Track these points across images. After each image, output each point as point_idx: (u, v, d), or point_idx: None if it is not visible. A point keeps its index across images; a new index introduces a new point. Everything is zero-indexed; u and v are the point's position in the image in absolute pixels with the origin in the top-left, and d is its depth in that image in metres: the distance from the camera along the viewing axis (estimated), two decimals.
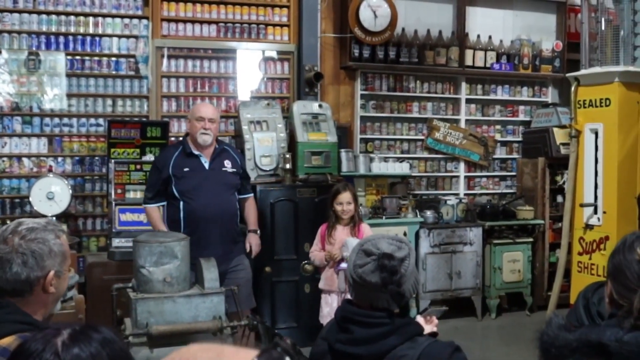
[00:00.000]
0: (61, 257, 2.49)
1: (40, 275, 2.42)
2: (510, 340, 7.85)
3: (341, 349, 2.52)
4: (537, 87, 9.83)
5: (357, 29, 8.26)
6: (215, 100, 8.29)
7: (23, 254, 2.40)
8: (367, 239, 2.61)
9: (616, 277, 2.23)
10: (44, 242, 2.44)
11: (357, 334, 2.49)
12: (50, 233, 2.48)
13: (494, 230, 8.71)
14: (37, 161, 7.67)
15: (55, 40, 7.71)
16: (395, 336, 2.45)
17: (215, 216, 5.58)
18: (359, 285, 2.54)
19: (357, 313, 2.53)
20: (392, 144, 9.07)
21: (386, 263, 2.48)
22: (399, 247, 2.54)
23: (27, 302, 2.42)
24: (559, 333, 2.00)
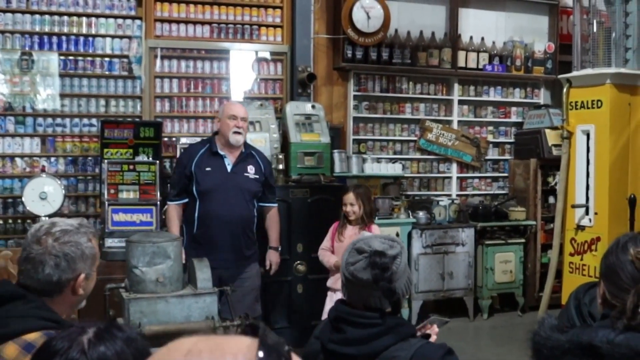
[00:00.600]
0: (92, 259, 2.54)
1: (71, 278, 2.47)
2: (502, 340, 7.88)
3: (334, 349, 2.54)
4: (529, 89, 9.87)
5: (350, 30, 8.29)
6: (208, 100, 8.30)
7: (56, 256, 2.43)
8: (360, 238, 2.64)
9: (609, 277, 2.24)
10: (77, 245, 2.48)
11: (349, 334, 2.50)
12: (83, 236, 2.52)
13: (486, 231, 8.75)
14: (30, 161, 7.66)
15: (48, 41, 7.70)
16: (388, 337, 2.46)
17: (229, 220, 5.48)
18: (351, 283, 2.55)
19: (350, 313, 2.54)
20: (385, 145, 9.10)
21: (377, 260, 2.49)
22: (390, 245, 2.56)
23: (55, 301, 2.46)
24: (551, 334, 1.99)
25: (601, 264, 2.35)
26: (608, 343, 1.91)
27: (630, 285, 2.15)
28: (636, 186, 6.02)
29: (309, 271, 7.15)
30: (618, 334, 1.98)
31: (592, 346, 1.90)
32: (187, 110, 8.23)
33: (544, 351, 1.97)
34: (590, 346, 1.90)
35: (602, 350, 1.89)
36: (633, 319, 2.04)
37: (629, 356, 1.87)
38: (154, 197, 7.05)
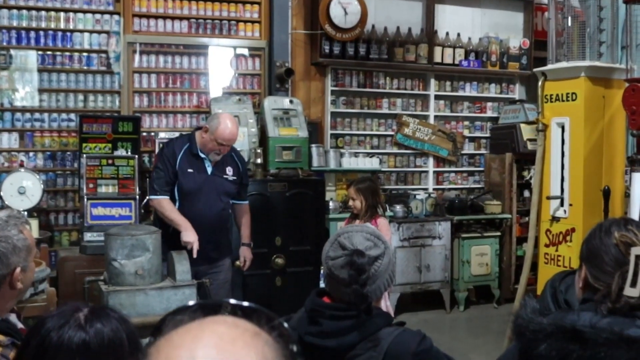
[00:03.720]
0: (26, 251, 2.45)
1: (6, 273, 2.38)
2: (478, 332, 7.99)
3: (310, 341, 2.50)
4: (504, 84, 9.97)
5: (328, 25, 8.35)
6: (187, 95, 8.34)
7: None
8: (345, 230, 2.58)
9: (592, 261, 2.23)
10: (7, 240, 2.39)
11: (325, 326, 2.48)
12: (13, 228, 2.43)
13: (463, 224, 8.85)
14: (9, 156, 7.66)
15: (26, 36, 7.70)
16: (364, 328, 2.43)
17: (207, 222, 5.41)
18: (328, 277, 2.54)
19: (326, 306, 2.52)
20: (362, 140, 9.17)
21: (355, 260, 2.44)
22: (374, 244, 2.51)
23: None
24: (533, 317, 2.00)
25: (582, 248, 2.32)
26: (592, 327, 1.93)
27: (614, 268, 2.14)
28: (610, 178, 6.09)
29: (287, 264, 7.21)
30: (601, 318, 2.01)
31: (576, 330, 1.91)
32: (166, 105, 8.26)
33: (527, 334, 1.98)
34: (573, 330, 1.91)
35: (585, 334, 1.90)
36: (617, 302, 2.06)
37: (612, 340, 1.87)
38: (132, 191, 7.09)
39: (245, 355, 0.91)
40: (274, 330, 0.99)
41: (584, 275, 2.27)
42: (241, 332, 0.95)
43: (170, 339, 0.94)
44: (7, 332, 2.27)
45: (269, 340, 0.96)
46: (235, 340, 0.93)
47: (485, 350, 7.04)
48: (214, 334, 0.93)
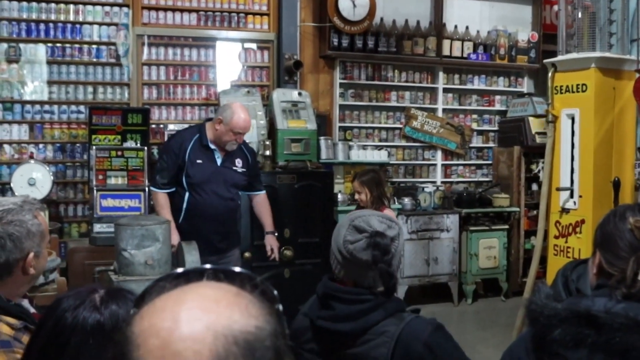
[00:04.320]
0: (39, 236, 2.43)
1: (20, 258, 2.36)
2: (486, 325, 8.00)
3: (323, 325, 2.50)
4: (513, 77, 9.96)
5: (336, 18, 8.35)
6: (195, 87, 8.36)
7: (0, 237, 2.33)
8: (357, 215, 2.56)
9: (606, 246, 2.21)
10: (21, 224, 2.37)
11: (338, 310, 2.46)
12: (28, 213, 2.41)
13: (471, 217, 8.86)
14: (19, 148, 7.70)
15: (35, 28, 7.73)
16: (377, 312, 2.42)
17: (215, 213, 5.44)
18: (347, 262, 2.49)
19: (339, 290, 2.50)
20: (371, 132, 9.18)
21: (379, 241, 2.43)
22: (389, 225, 2.50)
23: (6, 283, 2.37)
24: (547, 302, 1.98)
25: (596, 233, 2.30)
26: (606, 312, 1.91)
27: (629, 253, 2.12)
28: (620, 169, 6.07)
29: (296, 256, 7.22)
30: (616, 303, 2.00)
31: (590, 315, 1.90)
32: (175, 98, 8.28)
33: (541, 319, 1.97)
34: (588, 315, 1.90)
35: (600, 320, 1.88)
36: (633, 287, 2.04)
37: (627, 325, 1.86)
38: (142, 182, 7.12)
39: (230, 313, 0.92)
40: (256, 289, 0.99)
41: (598, 261, 2.25)
42: (224, 292, 0.96)
43: (153, 305, 0.95)
44: (20, 315, 2.27)
45: (252, 299, 0.97)
46: (219, 300, 0.94)
47: (493, 343, 7.04)
48: (197, 295, 0.95)
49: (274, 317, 0.97)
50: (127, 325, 0.94)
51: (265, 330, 0.93)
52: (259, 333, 0.92)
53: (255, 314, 0.94)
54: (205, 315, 0.90)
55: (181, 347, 0.87)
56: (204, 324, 0.89)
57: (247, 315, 0.93)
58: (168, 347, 0.88)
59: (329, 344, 2.51)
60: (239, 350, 0.88)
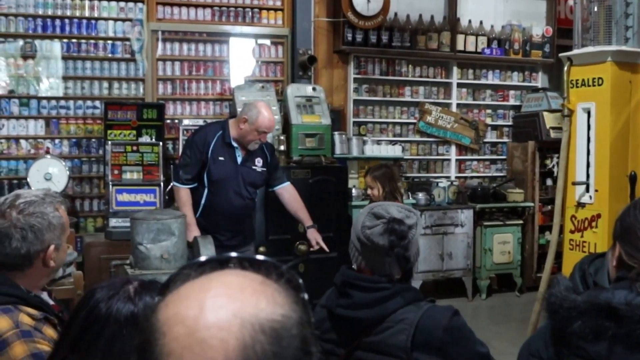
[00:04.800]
0: (60, 229, 2.45)
1: (40, 249, 2.38)
2: (500, 320, 8.00)
3: (341, 313, 2.52)
4: (527, 72, 9.94)
5: (350, 13, 8.35)
6: (210, 83, 8.39)
7: (22, 228, 2.35)
8: (377, 204, 2.61)
9: (626, 238, 2.20)
10: (43, 216, 2.39)
11: (357, 298, 2.49)
12: (49, 206, 2.43)
13: (485, 212, 8.85)
14: (35, 143, 7.75)
15: (51, 24, 7.78)
16: (395, 300, 2.44)
17: (232, 213, 5.44)
18: (364, 247, 2.53)
19: (357, 278, 2.53)
20: (385, 127, 9.18)
21: (396, 227, 2.47)
22: (407, 215, 2.53)
23: (26, 275, 2.40)
24: (567, 294, 2.00)
25: (616, 226, 2.29)
26: (627, 304, 1.92)
27: None
28: (636, 163, 6.02)
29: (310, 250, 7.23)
30: (636, 296, 2.00)
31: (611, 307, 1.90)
32: (189, 93, 8.32)
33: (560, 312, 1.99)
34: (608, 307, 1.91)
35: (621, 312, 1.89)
36: None
37: None
38: (157, 177, 7.17)
39: (256, 301, 0.91)
40: (282, 278, 0.99)
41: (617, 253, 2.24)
42: (249, 280, 0.95)
43: (178, 292, 0.95)
44: (40, 306, 2.31)
45: (278, 287, 0.96)
46: (244, 288, 0.93)
47: (507, 338, 7.05)
48: (222, 283, 0.94)
49: (300, 306, 0.96)
50: (152, 313, 0.94)
51: (291, 318, 0.92)
52: (285, 321, 0.91)
53: (281, 303, 0.94)
54: (231, 302, 0.90)
55: (207, 335, 0.87)
56: (230, 312, 0.89)
57: (273, 303, 0.93)
58: (194, 334, 0.88)
59: (348, 332, 2.53)
60: (266, 339, 0.88)
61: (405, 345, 2.37)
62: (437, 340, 2.36)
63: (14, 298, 2.27)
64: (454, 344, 2.37)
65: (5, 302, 2.24)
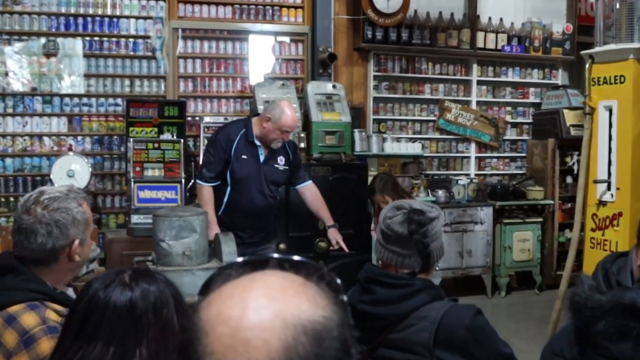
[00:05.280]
0: (84, 224, 2.46)
1: (65, 244, 2.40)
2: (520, 317, 7.98)
3: (364, 309, 2.54)
4: (547, 70, 9.90)
5: (370, 10, 8.35)
6: (230, 80, 8.44)
7: (47, 224, 2.37)
8: (402, 200, 2.66)
9: None
10: (67, 211, 2.41)
11: (379, 294, 2.51)
12: (73, 201, 2.44)
13: (505, 210, 8.83)
14: (58, 140, 7.83)
15: (74, 22, 7.85)
16: (418, 297, 2.46)
17: (255, 211, 5.45)
18: (386, 238, 2.56)
19: (380, 274, 2.56)
20: (405, 125, 9.18)
21: (415, 217, 2.50)
22: (429, 211, 2.56)
23: (52, 270, 2.42)
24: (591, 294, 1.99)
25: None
26: None
27: None
28: None
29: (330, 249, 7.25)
30: None
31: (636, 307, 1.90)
32: (210, 90, 8.37)
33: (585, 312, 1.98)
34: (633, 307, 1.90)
35: None
36: None
37: None
38: (178, 174, 7.21)
39: (297, 303, 0.93)
40: (323, 280, 0.99)
41: None
42: (290, 281, 0.97)
43: (220, 292, 0.96)
44: (65, 303, 2.32)
45: (319, 289, 0.97)
46: (286, 288, 0.95)
47: (527, 336, 7.04)
48: (264, 284, 0.95)
49: (340, 307, 0.97)
50: (195, 312, 0.96)
51: (332, 320, 0.93)
52: (326, 323, 0.92)
53: (322, 304, 0.95)
54: (273, 303, 0.92)
55: (250, 336, 0.89)
56: (273, 313, 0.90)
57: (315, 305, 0.94)
58: (237, 335, 0.89)
59: (370, 329, 2.54)
60: (308, 340, 0.90)
61: (428, 342, 2.39)
62: (459, 339, 2.37)
63: (40, 295, 2.30)
64: (475, 343, 2.38)
65: (32, 298, 2.27)
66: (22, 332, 2.16)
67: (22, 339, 2.15)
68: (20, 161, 7.74)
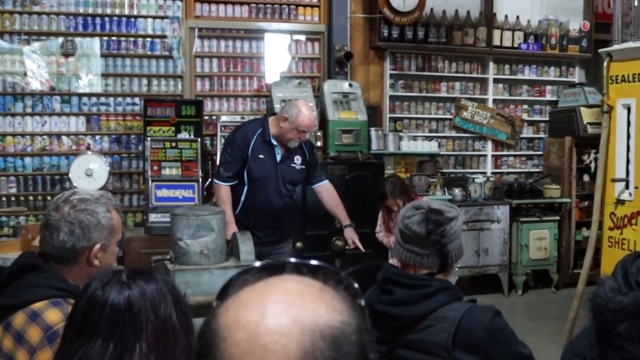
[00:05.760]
0: (109, 230, 2.47)
1: (86, 246, 2.41)
2: (536, 316, 7.97)
3: (382, 309, 2.54)
4: (564, 67, 9.87)
5: (387, 9, 8.36)
6: (247, 79, 8.46)
7: (71, 223, 2.39)
8: (421, 200, 2.67)
9: None
10: (93, 214, 2.42)
11: (398, 295, 2.52)
12: (102, 206, 2.46)
13: (521, 208, 8.82)
14: (76, 139, 7.89)
15: (91, 22, 7.90)
16: (436, 298, 2.46)
17: (271, 210, 5.46)
18: (404, 237, 2.57)
19: (399, 274, 2.56)
20: (421, 123, 9.18)
21: (433, 217, 2.51)
22: (448, 211, 2.57)
23: (72, 271, 2.43)
24: (612, 296, 1.99)
25: None
26: None
27: None
28: None
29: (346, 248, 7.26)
30: None
31: None
32: (227, 90, 8.40)
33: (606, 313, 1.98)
34: None
35: None
36: None
37: None
38: (195, 173, 7.25)
39: (315, 308, 0.92)
40: (341, 284, 0.99)
41: None
42: (308, 286, 0.96)
43: (238, 298, 0.96)
44: None
45: (336, 293, 0.97)
46: (304, 294, 0.94)
47: (543, 335, 7.03)
48: (282, 289, 0.95)
49: (358, 312, 0.97)
50: (212, 317, 0.96)
51: (350, 325, 0.93)
52: (345, 328, 0.92)
53: (340, 309, 0.94)
54: (291, 309, 0.91)
55: (268, 341, 0.89)
56: (291, 318, 0.90)
57: (333, 309, 0.93)
58: (255, 340, 0.89)
59: (389, 330, 2.55)
60: (326, 345, 0.89)
61: (447, 344, 2.39)
62: (478, 341, 2.38)
63: (63, 292, 2.32)
64: (494, 345, 2.38)
65: (55, 295, 2.30)
66: (45, 328, 2.19)
67: (46, 334, 2.17)
68: (39, 160, 7.81)
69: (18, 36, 7.73)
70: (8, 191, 7.70)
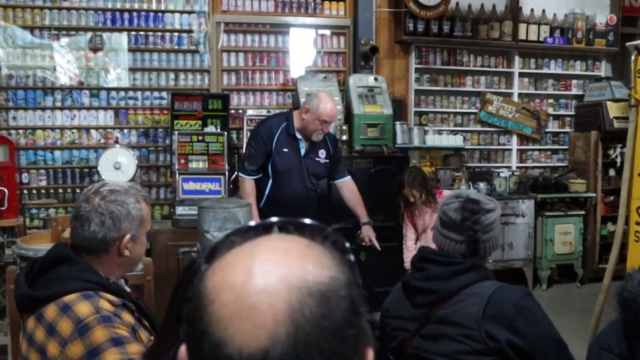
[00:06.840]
0: (139, 221, 2.49)
1: (116, 237, 2.43)
2: (561, 310, 7.94)
3: (416, 285, 2.63)
4: (590, 61, 9.83)
5: (412, 3, 8.37)
6: (273, 73, 8.52)
7: (101, 214, 2.41)
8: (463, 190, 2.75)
9: None
10: (123, 205, 2.44)
11: (431, 271, 2.60)
12: (131, 197, 2.48)
13: (546, 202, 8.80)
14: (104, 133, 8.01)
15: (119, 17, 7.99)
16: (469, 274, 2.54)
17: (296, 203, 5.49)
18: (441, 223, 2.67)
19: (433, 252, 2.66)
20: (446, 117, 9.20)
21: (469, 205, 2.60)
22: (485, 202, 2.66)
23: (102, 262, 2.46)
24: None
25: None
26: None
27: None
28: None
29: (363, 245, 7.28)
30: None
31: None
32: (253, 84, 8.46)
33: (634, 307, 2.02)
34: None
35: None
36: None
37: None
38: (222, 166, 7.31)
39: (302, 265, 0.91)
40: (327, 240, 0.98)
41: None
42: (295, 244, 0.95)
43: (224, 259, 0.95)
44: (118, 293, 2.40)
45: (324, 249, 0.95)
46: (290, 251, 0.93)
47: (568, 329, 7.01)
48: (268, 248, 0.94)
49: (347, 267, 0.95)
50: (200, 281, 0.95)
51: (339, 280, 0.92)
52: (333, 283, 0.91)
53: (328, 265, 0.93)
54: (277, 267, 0.91)
55: (256, 301, 0.88)
56: (278, 276, 0.89)
57: (320, 266, 0.92)
58: (242, 301, 0.88)
59: (421, 305, 2.62)
60: (314, 302, 0.88)
61: (477, 315, 2.44)
62: (507, 315, 2.42)
63: (94, 284, 2.35)
64: (522, 321, 2.41)
65: (86, 288, 2.33)
66: (76, 321, 2.22)
67: (77, 327, 2.20)
68: (68, 153, 7.92)
69: (48, 31, 7.83)
70: (38, 184, 7.82)
